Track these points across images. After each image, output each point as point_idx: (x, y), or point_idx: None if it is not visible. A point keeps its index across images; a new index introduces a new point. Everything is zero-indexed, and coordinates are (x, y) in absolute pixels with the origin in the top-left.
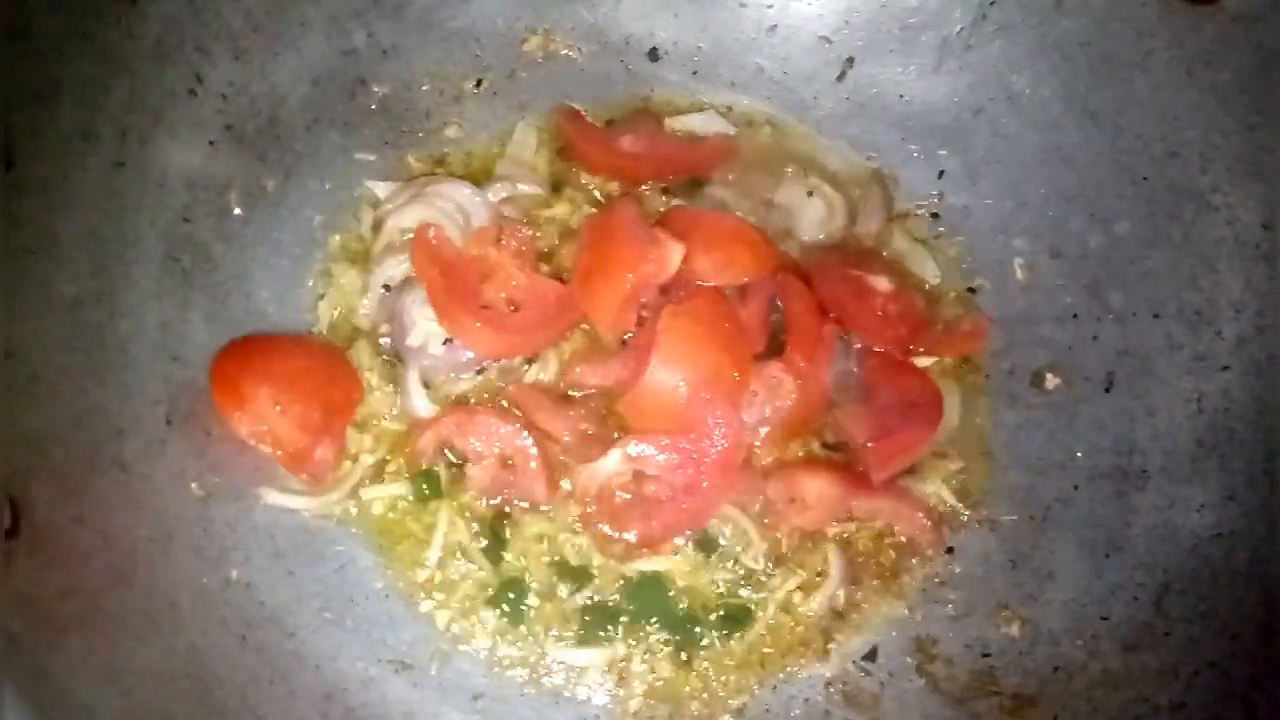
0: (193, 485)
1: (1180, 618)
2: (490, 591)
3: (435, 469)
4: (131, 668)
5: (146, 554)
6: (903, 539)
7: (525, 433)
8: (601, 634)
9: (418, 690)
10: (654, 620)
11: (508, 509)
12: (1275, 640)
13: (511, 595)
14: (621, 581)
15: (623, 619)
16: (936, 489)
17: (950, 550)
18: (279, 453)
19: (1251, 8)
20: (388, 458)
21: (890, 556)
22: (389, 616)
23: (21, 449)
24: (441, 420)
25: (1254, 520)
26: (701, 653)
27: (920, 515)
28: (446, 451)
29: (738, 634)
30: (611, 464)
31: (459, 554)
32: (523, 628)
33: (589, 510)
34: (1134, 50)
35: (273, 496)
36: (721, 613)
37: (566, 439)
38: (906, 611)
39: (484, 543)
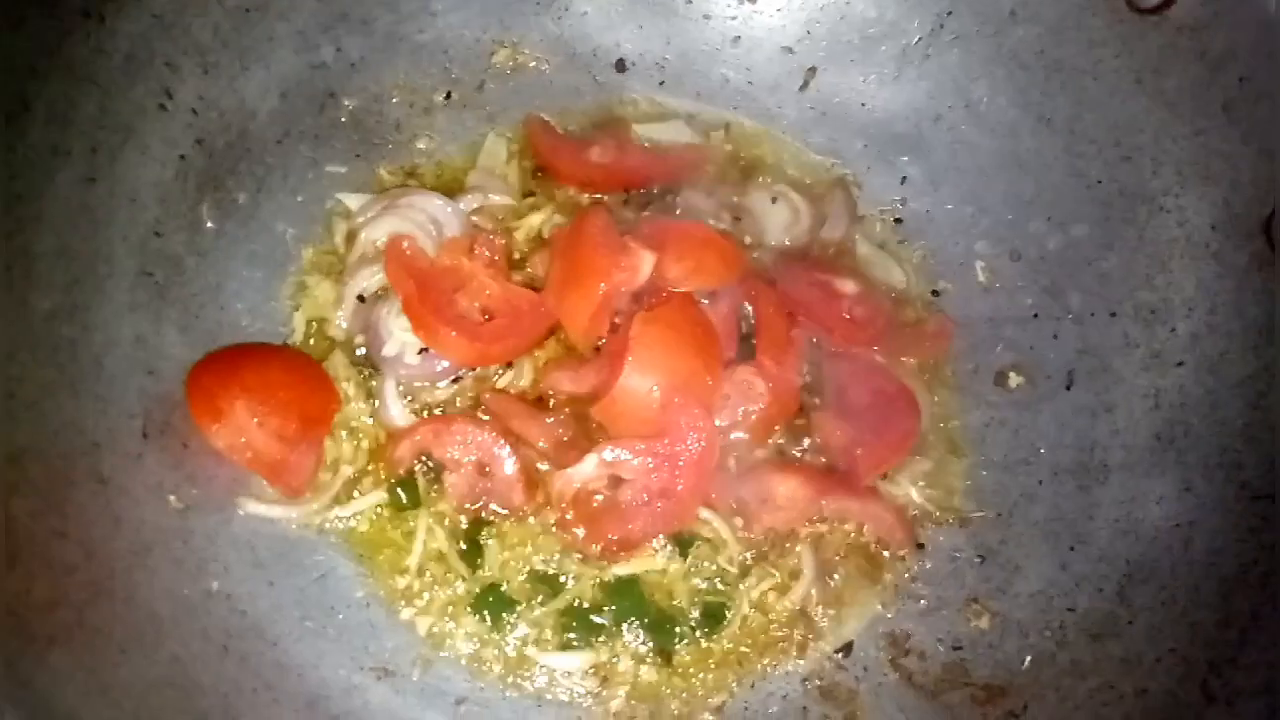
0: (170, 497)
1: (1143, 607)
2: (470, 598)
3: (413, 477)
4: (117, 680)
5: (127, 566)
6: (873, 539)
7: (501, 440)
8: (582, 638)
9: (400, 696)
10: (633, 621)
11: (486, 516)
12: (1231, 626)
13: (491, 600)
14: (598, 584)
15: (602, 622)
16: (906, 489)
17: (921, 546)
18: (257, 465)
19: (1196, 18)
20: (368, 467)
21: (864, 555)
22: (370, 624)
23: (1, 464)
24: (418, 429)
25: (1210, 511)
26: (681, 652)
27: (889, 515)
28: (424, 459)
29: (715, 632)
30: (587, 469)
31: (438, 561)
32: (503, 633)
33: (566, 516)
34: (1086, 59)
35: (252, 507)
36: (698, 612)
37: (542, 445)
38: (880, 607)
39: (463, 548)
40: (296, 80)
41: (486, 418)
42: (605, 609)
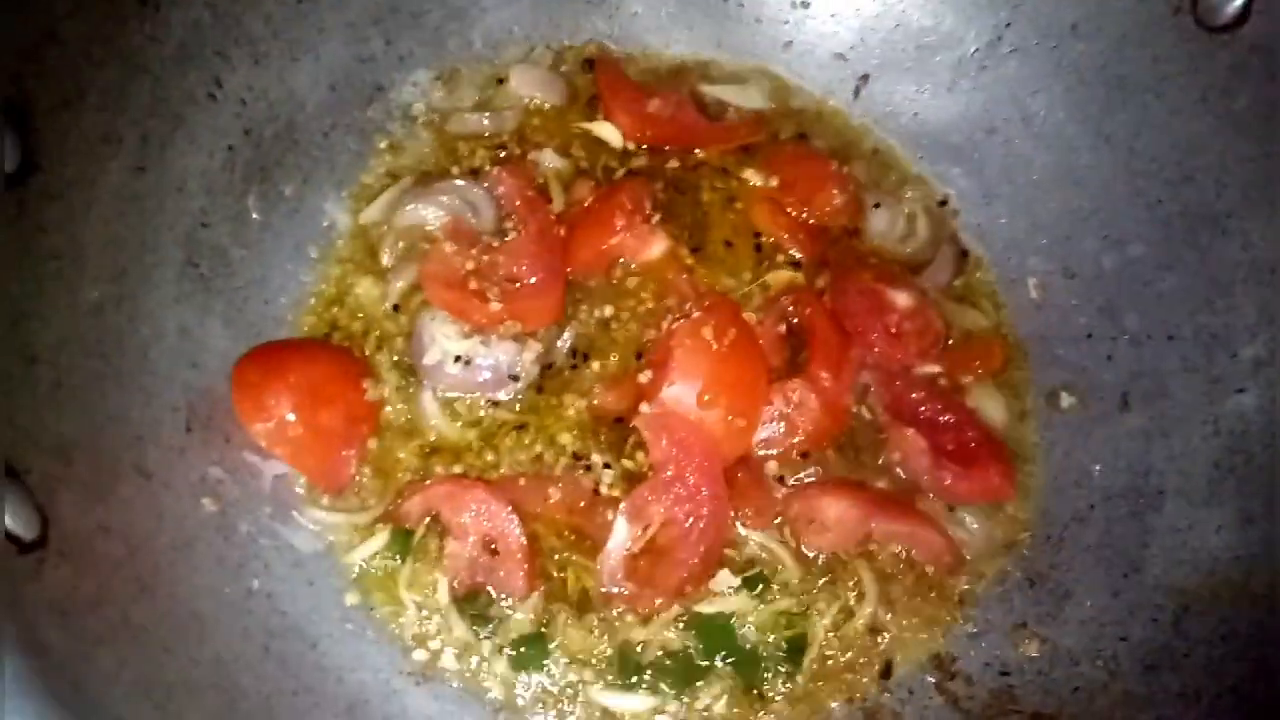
0: (211, 494)
1: (1201, 639)
2: (510, 654)
3: (411, 531)
4: (162, 680)
5: (169, 562)
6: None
7: (515, 517)
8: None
9: (439, 702)
10: (724, 658)
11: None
12: None
13: (533, 651)
14: (678, 629)
15: (687, 664)
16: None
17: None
18: (299, 462)
19: (1269, 37)
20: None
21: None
22: (411, 628)
23: (48, 456)
24: (432, 488)
25: (1273, 543)
26: (770, 690)
27: (940, 539)
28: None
29: (798, 664)
30: (620, 537)
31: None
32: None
33: (624, 592)
34: (1150, 75)
35: (311, 513)
36: (784, 645)
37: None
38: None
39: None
40: (345, 72)
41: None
42: (694, 650)
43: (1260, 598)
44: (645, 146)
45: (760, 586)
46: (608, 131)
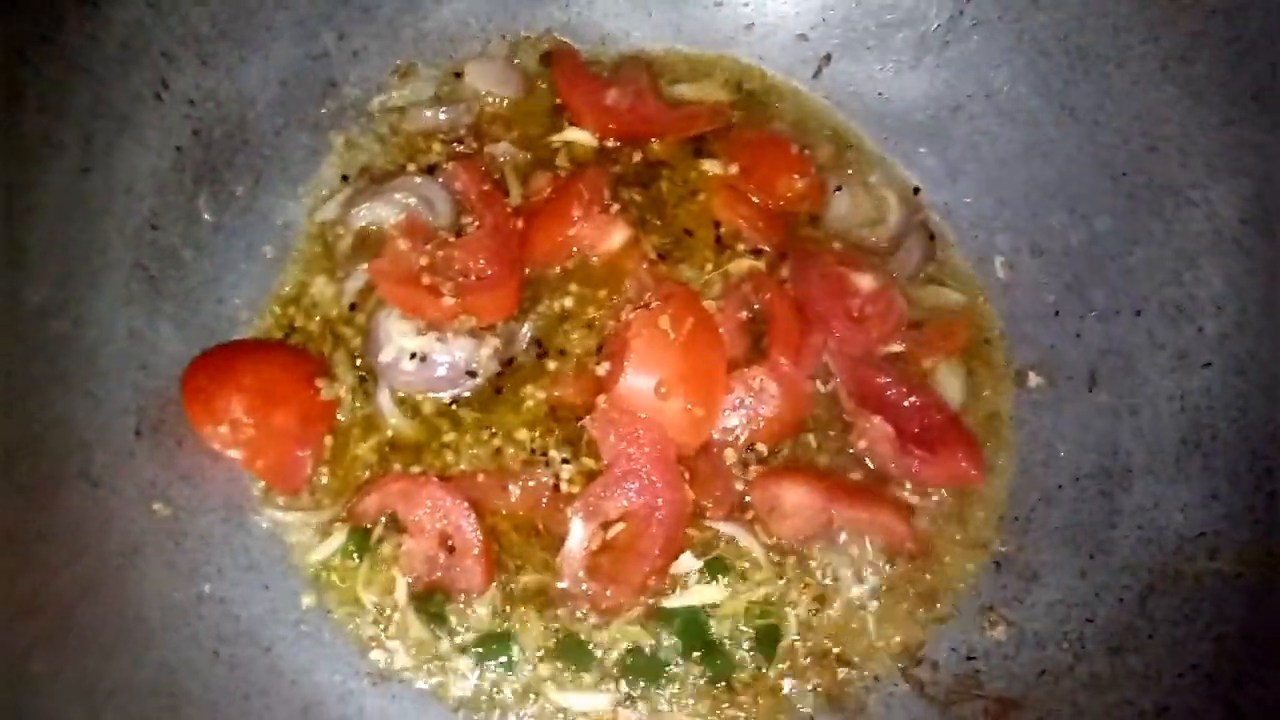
0: (162, 499)
1: (1165, 619)
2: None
3: (369, 529)
4: (100, 684)
5: (117, 567)
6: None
7: (470, 513)
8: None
9: (396, 702)
10: (691, 654)
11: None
12: (1258, 642)
13: (495, 647)
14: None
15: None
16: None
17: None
18: (254, 465)
19: (1228, 2)
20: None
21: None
22: (367, 629)
23: None
24: (387, 485)
25: (1237, 521)
26: (742, 680)
27: (901, 525)
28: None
29: (771, 654)
30: (578, 535)
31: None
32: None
33: (587, 591)
34: (1111, 45)
35: (269, 514)
36: (753, 635)
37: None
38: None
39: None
40: (296, 70)
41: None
42: (666, 646)
43: (1223, 576)
44: (605, 140)
45: (728, 576)
46: (579, 135)
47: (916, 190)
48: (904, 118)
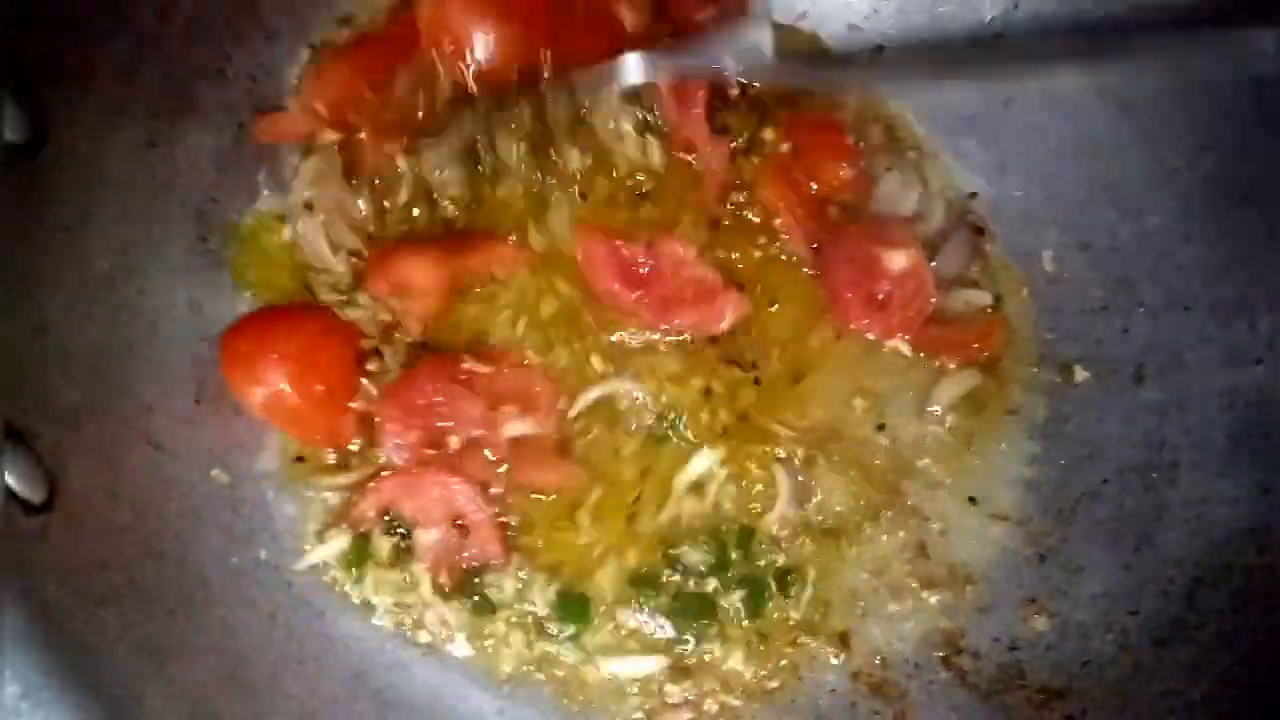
0: (220, 466)
1: (1212, 612)
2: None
3: (367, 535)
4: (166, 642)
5: (177, 530)
6: None
7: (474, 488)
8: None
9: (445, 672)
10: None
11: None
12: None
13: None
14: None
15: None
16: None
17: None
18: (296, 428)
19: None
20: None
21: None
22: (419, 601)
23: (56, 423)
24: (382, 484)
25: None
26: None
27: None
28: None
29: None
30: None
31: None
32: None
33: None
34: None
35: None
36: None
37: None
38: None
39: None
40: None
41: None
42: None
43: (1272, 570)
44: None
45: None
46: None
47: (973, 195)
48: (955, 109)
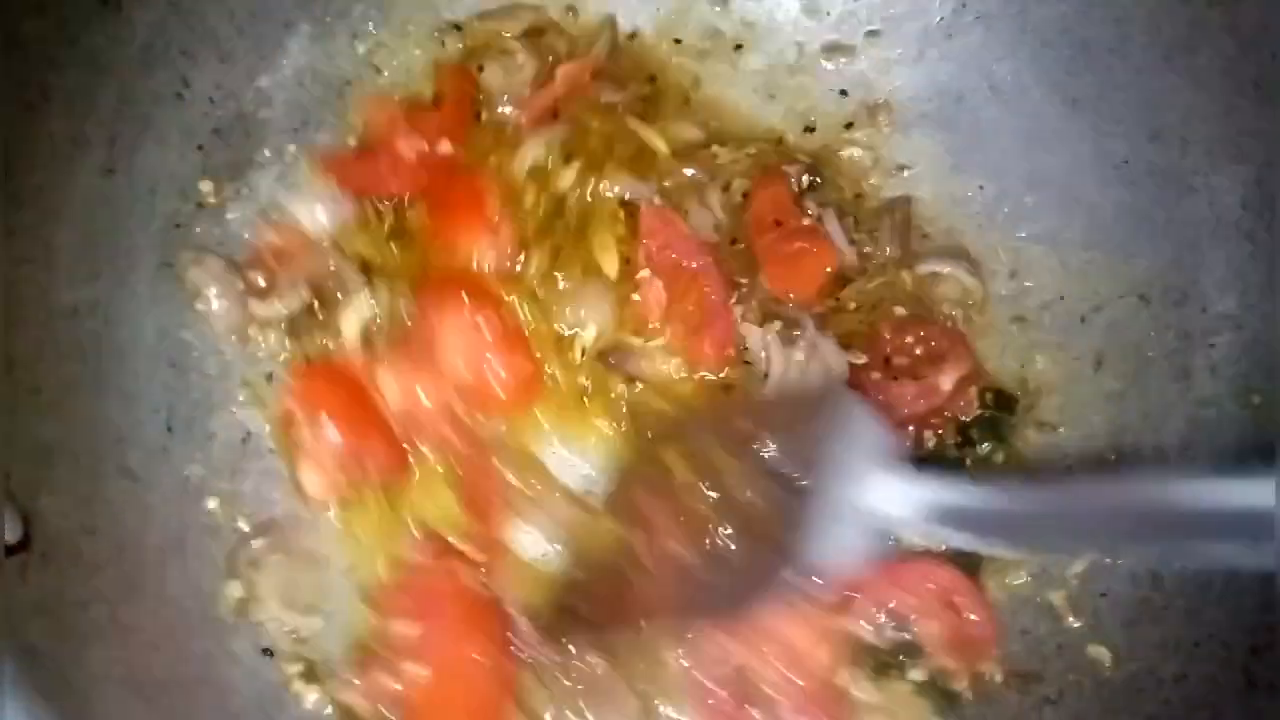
0: (196, 493)
1: (1177, 592)
2: None
3: None
4: (151, 677)
5: (157, 562)
6: None
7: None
8: None
9: None
10: None
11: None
12: (1273, 610)
13: None
14: None
15: None
16: None
17: None
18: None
19: None
20: None
21: None
22: None
23: (29, 461)
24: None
25: None
26: None
27: None
28: None
29: None
30: None
31: None
32: None
33: None
34: (1112, 36)
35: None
36: None
37: None
38: None
39: None
40: (313, 68)
41: None
42: None
43: None
44: None
45: None
46: None
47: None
48: (907, 109)
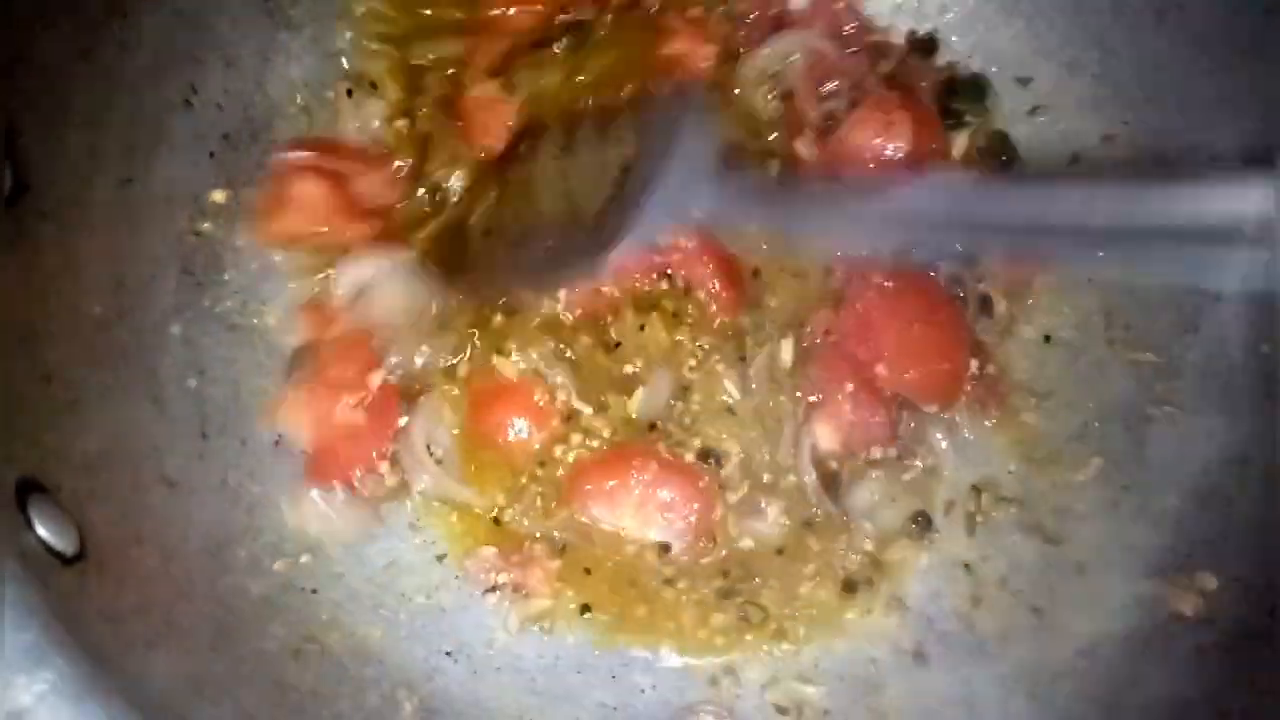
0: (235, 494)
1: (1200, 540)
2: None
3: None
4: (212, 678)
5: (203, 566)
6: None
7: None
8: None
9: (478, 677)
10: None
11: None
12: None
13: None
14: None
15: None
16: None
17: None
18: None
19: None
20: None
21: None
22: (440, 608)
23: (76, 472)
24: None
25: (1262, 442)
26: None
27: None
28: None
29: None
30: None
31: None
32: None
33: None
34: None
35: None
36: None
37: None
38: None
39: None
40: (319, 71)
41: None
42: None
43: (1252, 495)
44: None
45: None
46: None
47: None
48: None
